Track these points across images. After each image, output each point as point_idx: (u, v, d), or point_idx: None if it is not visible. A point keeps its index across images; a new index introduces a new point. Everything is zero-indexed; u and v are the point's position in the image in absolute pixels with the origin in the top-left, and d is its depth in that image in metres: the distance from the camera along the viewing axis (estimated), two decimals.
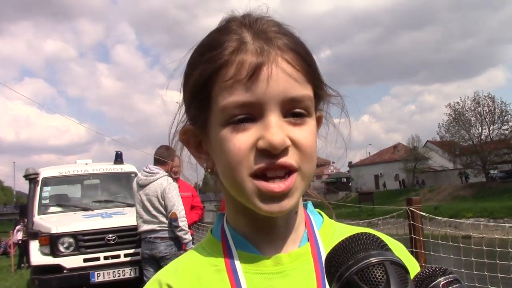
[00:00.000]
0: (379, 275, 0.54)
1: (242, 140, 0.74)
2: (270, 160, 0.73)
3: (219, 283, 0.79)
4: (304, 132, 0.76)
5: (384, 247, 0.58)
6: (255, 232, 0.82)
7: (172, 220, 5.45)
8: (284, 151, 0.73)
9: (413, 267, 0.83)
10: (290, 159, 0.74)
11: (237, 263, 0.80)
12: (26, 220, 17.02)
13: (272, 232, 0.82)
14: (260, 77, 0.73)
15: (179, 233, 5.43)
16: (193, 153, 0.87)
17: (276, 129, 0.72)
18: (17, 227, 18.40)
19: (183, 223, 5.46)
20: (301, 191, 0.78)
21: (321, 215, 0.91)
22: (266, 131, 0.73)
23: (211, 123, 0.79)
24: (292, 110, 0.75)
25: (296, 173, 0.75)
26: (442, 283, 0.59)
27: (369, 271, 0.54)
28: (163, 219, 5.52)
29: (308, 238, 0.84)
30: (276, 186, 0.73)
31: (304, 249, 0.82)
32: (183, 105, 0.86)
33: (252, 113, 0.74)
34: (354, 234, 0.60)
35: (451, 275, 0.60)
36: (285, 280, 0.79)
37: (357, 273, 0.55)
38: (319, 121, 0.87)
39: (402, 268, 0.56)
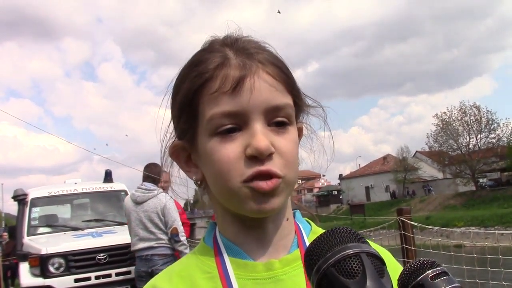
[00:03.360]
0: (355, 266, 0.56)
1: (230, 149, 0.78)
2: (258, 166, 0.77)
3: None
4: (286, 141, 0.80)
5: (361, 239, 0.60)
6: (245, 240, 0.85)
7: (174, 236, 5.43)
8: (269, 158, 0.77)
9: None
10: (275, 166, 0.78)
11: (230, 269, 0.82)
12: (5, 244, 16.81)
13: (263, 238, 0.85)
14: (244, 88, 0.78)
15: (180, 248, 5.41)
16: (183, 168, 0.90)
17: (261, 136, 0.77)
18: None
19: (183, 237, 5.48)
20: (286, 195, 0.82)
21: (309, 223, 0.94)
22: (252, 138, 0.77)
23: (199, 135, 0.82)
24: (275, 119, 0.80)
25: (280, 179, 0.79)
26: (430, 275, 0.60)
27: (345, 263, 0.56)
28: (161, 236, 5.47)
29: (298, 245, 0.87)
30: (264, 183, 0.77)
31: (294, 255, 0.85)
32: (171, 122, 0.90)
33: (238, 123, 0.78)
34: (332, 228, 0.62)
35: (438, 268, 0.61)
36: (277, 285, 0.82)
37: (334, 265, 0.56)
38: (300, 133, 0.90)
39: (378, 260, 0.58)
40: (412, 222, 5.93)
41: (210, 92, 0.79)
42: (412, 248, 5.65)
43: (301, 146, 0.91)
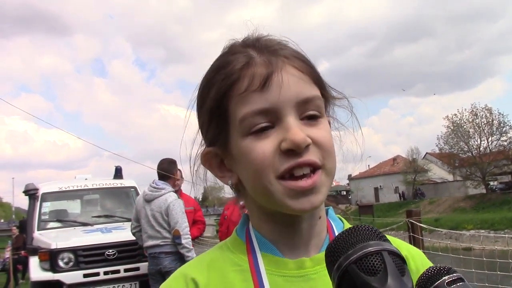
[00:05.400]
0: (377, 264, 0.56)
1: (265, 146, 0.78)
2: (295, 159, 0.76)
3: (243, 283, 0.81)
4: (321, 131, 0.80)
5: (382, 237, 0.61)
6: (279, 237, 0.85)
7: (175, 238, 5.44)
8: (306, 150, 0.77)
9: None
10: (313, 156, 0.78)
11: (261, 264, 0.82)
12: (14, 237, 16.93)
13: (296, 236, 0.84)
14: (273, 84, 0.78)
15: (182, 251, 5.42)
16: (217, 174, 0.90)
17: (296, 129, 0.77)
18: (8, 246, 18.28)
19: (185, 240, 5.44)
20: (327, 188, 0.81)
21: (342, 221, 0.94)
22: (287, 133, 0.77)
23: (232, 138, 0.82)
24: (306, 113, 0.80)
25: (320, 170, 0.79)
26: (446, 281, 0.60)
27: (367, 260, 0.57)
28: (167, 235, 5.51)
29: None
30: (304, 182, 0.77)
31: None
32: (200, 131, 0.89)
33: (270, 120, 0.78)
34: (353, 226, 0.63)
35: (455, 274, 0.61)
36: (308, 284, 0.81)
37: (355, 262, 0.57)
38: None
39: (399, 258, 0.58)
40: (421, 224, 5.91)
41: (239, 92, 0.79)
42: (421, 250, 5.62)
43: None
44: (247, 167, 0.80)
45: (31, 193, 8.29)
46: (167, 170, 5.83)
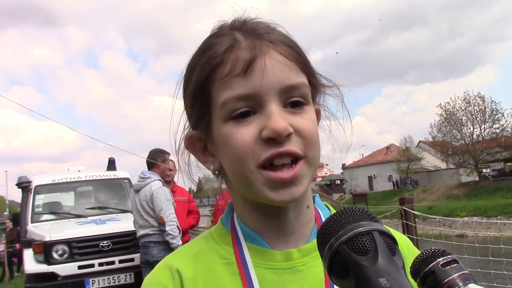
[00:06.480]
0: (367, 244, 0.56)
1: (246, 133, 0.75)
2: (275, 148, 0.74)
3: (230, 277, 0.80)
4: (305, 120, 0.77)
5: (373, 218, 0.61)
6: (265, 228, 0.83)
7: (160, 225, 5.50)
8: (288, 139, 0.75)
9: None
10: (294, 146, 0.75)
11: (247, 257, 0.81)
12: (8, 230, 16.88)
13: (283, 226, 0.82)
14: (256, 70, 0.75)
15: (167, 238, 5.46)
16: (200, 158, 0.88)
17: (278, 117, 0.74)
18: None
19: (170, 227, 5.45)
20: (309, 179, 0.79)
21: (329, 209, 0.92)
22: (269, 120, 0.74)
23: (213, 123, 0.80)
24: (290, 99, 0.77)
25: (302, 160, 0.76)
26: (441, 263, 0.61)
27: (358, 240, 0.57)
28: (154, 223, 5.57)
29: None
30: (285, 173, 0.74)
31: (313, 244, 0.81)
32: (185, 113, 0.87)
33: (252, 106, 0.76)
34: (344, 208, 0.62)
35: (449, 256, 0.62)
36: (296, 275, 0.80)
37: (346, 242, 0.57)
38: (317, 115, 0.87)
39: (390, 238, 0.59)
40: (414, 212, 5.95)
41: (221, 76, 0.76)
42: (414, 237, 5.66)
43: (320, 129, 0.87)
44: (228, 154, 0.78)
45: (24, 185, 8.26)
46: (152, 159, 5.93)
